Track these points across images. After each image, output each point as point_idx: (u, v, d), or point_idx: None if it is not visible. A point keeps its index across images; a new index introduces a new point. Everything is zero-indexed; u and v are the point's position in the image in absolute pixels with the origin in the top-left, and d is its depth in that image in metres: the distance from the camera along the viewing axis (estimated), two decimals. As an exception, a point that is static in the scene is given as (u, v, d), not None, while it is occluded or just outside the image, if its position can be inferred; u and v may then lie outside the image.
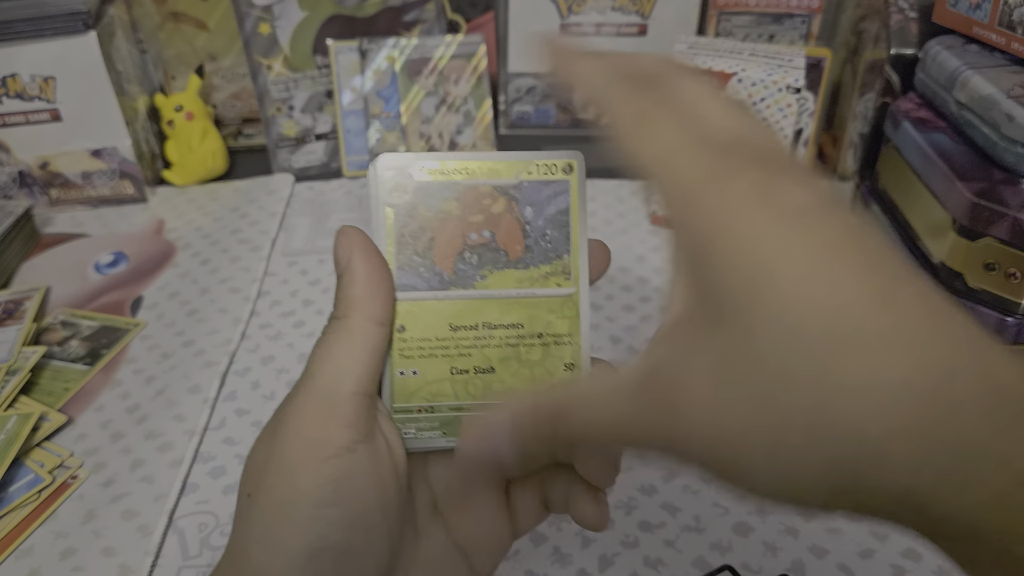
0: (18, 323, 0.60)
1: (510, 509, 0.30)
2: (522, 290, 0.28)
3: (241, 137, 0.87)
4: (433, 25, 0.84)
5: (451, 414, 0.28)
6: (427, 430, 0.28)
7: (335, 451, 0.25)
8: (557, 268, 0.28)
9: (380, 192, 0.27)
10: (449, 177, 0.28)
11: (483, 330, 0.28)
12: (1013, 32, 0.52)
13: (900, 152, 0.58)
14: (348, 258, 0.27)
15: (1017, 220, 0.47)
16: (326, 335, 0.27)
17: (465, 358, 0.28)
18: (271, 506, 0.25)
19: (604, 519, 0.29)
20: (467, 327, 0.28)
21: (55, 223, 0.76)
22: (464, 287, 0.28)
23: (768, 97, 0.63)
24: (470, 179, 0.28)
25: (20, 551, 0.45)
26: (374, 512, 0.26)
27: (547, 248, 0.28)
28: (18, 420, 0.51)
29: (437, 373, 0.28)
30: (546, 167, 0.28)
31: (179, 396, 0.55)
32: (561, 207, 0.28)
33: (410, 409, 0.28)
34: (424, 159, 0.27)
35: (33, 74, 0.71)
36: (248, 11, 0.76)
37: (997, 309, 0.50)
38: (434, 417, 0.28)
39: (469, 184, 0.28)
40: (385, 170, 0.27)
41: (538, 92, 0.86)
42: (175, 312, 0.63)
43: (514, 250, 0.28)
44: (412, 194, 0.27)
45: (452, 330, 0.28)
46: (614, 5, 0.80)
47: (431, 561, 0.29)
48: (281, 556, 0.24)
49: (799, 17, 0.79)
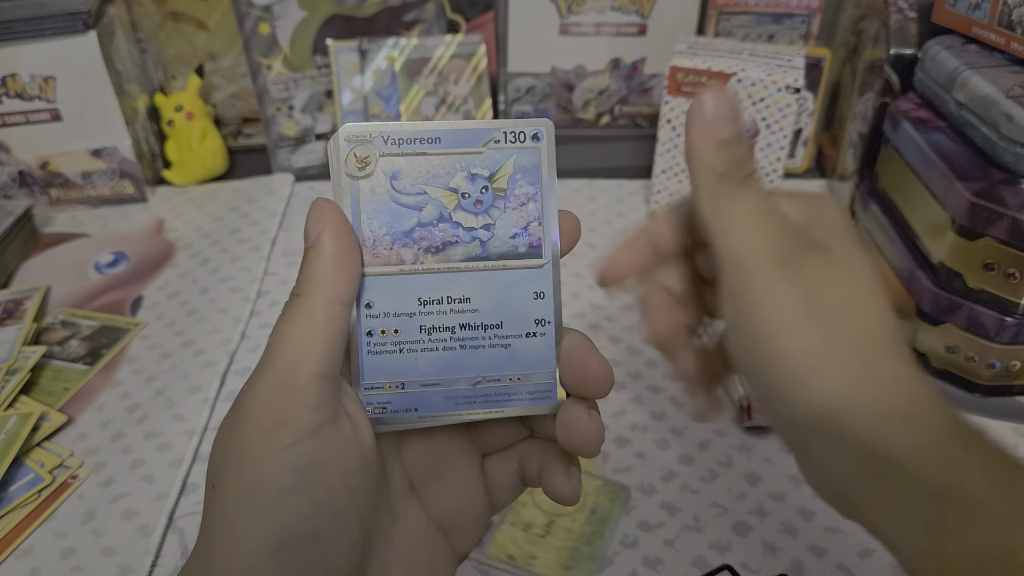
0: (18, 323, 0.60)
1: (486, 484, 0.30)
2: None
3: (241, 137, 0.87)
4: (433, 25, 0.84)
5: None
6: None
7: (296, 437, 0.24)
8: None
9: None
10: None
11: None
12: (1012, 32, 0.52)
13: (899, 152, 0.58)
14: (318, 233, 0.26)
15: (1016, 220, 0.47)
16: (286, 313, 0.25)
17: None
18: (233, 497, 0.24)
19: (576, 493, 0.29)
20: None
21: (55, 223, 0.76)
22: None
23: (768, 97, 0.63)
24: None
25: (20, 551, 0.45)
26: (340, 497, 0.25)
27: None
28: (18, 420, 0.51)
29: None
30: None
31: (179, 396, 0.55)
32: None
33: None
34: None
35: (33, 74, 0.71)
36: (248, 11, 0.76)
37: (996, 309, 0.50)
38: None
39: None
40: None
41: (537, 92, 0.86)
42: (175, 312, 0.63)
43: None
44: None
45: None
46: (614, 5, 0.80)
47: (410, 541, 0.29)
48: (244, 548, 0.23)
49: (799, 17, 0.79)
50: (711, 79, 0.64)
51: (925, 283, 0.53)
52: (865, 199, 0.63)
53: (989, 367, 0.52)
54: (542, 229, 0.27)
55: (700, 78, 0.64)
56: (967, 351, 0.52)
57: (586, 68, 0.84)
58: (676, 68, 0.64)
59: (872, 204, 0.62)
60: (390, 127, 0.26)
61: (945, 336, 0.53)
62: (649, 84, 0.85)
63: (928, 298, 0.53)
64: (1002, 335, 0.50)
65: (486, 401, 0.28)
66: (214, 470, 0.25)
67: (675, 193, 0.70)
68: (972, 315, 0.51)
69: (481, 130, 0.27)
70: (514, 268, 0.27)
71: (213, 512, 0.24)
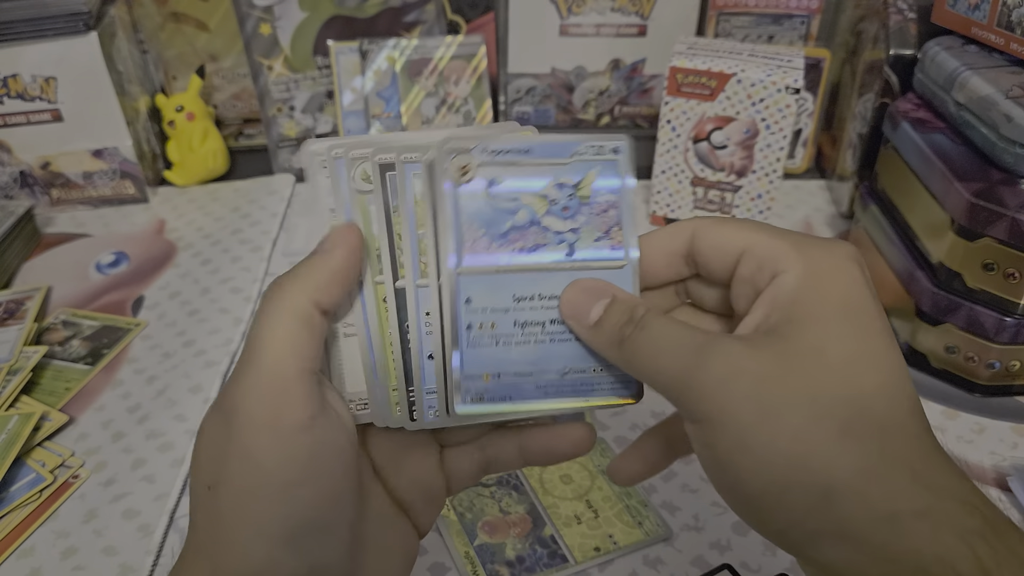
0: (19, 323, 0.60)
1: (444, 471, 0.32)
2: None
3: (242, 137, 0.87)
4: (433, 26, 0.84)
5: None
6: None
7: (294, 430, 0.25)
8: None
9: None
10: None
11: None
12: (1012, 32, 0.52)
13: (899, 152, 0.58)
14: (335, 247, 0.27)
15: (1016, 220, 0.47)
16: (268, 309, 0.26)
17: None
18: (239, 495, 0.25)
19: (590, 433, 0.31)
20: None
21: (56, 223, 0.76)
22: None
23: (767, 97, 0.63)
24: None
25: (21, 550, 0.45)
26: (339, 483, 0.26)
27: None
28: (19, 420, 0.51)
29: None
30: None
31: (180, 396, 0.55)
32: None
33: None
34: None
35: (34, 74, 0.71)
36: (249, 12, 0.76)
37: (996, 309, 0.50)
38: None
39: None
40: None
41: (538, 92, 0.86)
42: (176, 312, 0.64)
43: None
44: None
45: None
46: (614, 6, 0.81)
47: (377, 518, 0.30)
48: (262, 541, 0.24)
49: (798, 18, 0.79)
50: (710, 79, 0.64)
51: (925, 283, 0.53)
52: (865, 199, 0.63)
53: (989, 367, 0.52)
54: (622, 234, 0.29)
55: (700, 79, 0.64)
56: (967, 351, 0.52)
57: (586, 69, 0.84)
58: (676, 69, 0.65)
59: (872, 204, 0.62)
60: (486, 139, 0.28)
61: (945, 336, 0.53)
62: (649, 85, 0.85)
63: (928, 298, 0.53)
64: (1002, 335, 0.50)
65: (573, 391, 0.29)
66: (209, 469, 0.25)
67: (675, 193, 0.70)
68: (972, 315, 0.51)
69: (568, 143, 0.29)
70: (597, 268, 0.29)
71: (218, 511, 0.25)
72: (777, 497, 0.23)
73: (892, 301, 0.58)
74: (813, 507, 0.23)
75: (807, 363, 0.24)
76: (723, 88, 0.64)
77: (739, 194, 0.68)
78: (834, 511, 0.22)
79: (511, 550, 0.44)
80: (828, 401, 0.23)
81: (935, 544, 0.22)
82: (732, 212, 0.69)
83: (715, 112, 0.65)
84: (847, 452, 0.23)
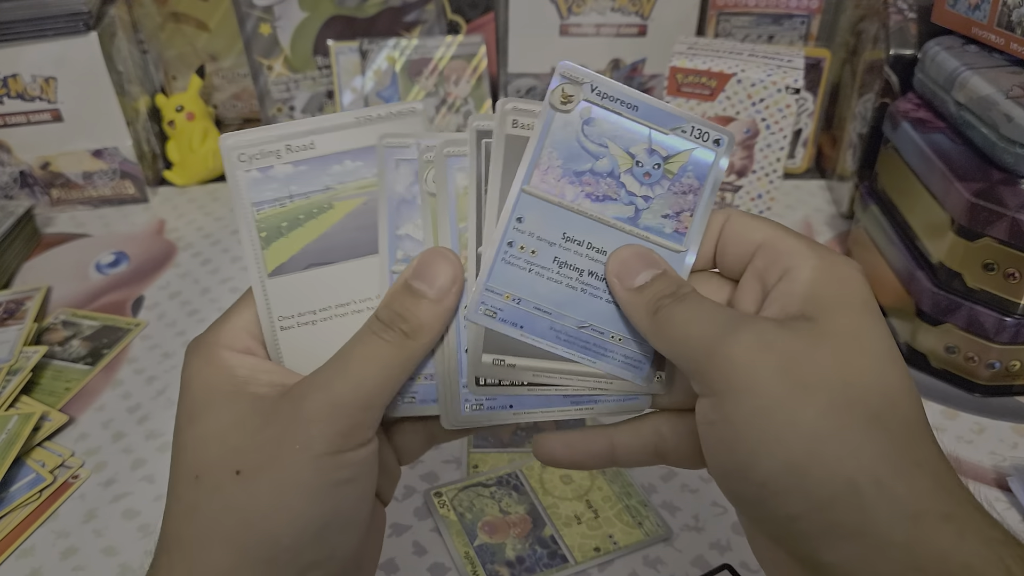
0: (19, 323, 0.60)
1: (392, 446, 0.32)
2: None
3: (242, 137, 0.87)
4: (433, 26, 0.84)
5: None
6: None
7: (354, 462, 0.26)
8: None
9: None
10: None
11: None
12: (1012, 32, 0.52)
13: (899, 152, 0.58)
14: (446, 290, 0.27)
15: (1016, 220, 0.47)
16: (383, 337, 0.27)
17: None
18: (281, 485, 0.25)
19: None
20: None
21: (56, 223, 0.76)
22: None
23: (767, 97, 0.63)
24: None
25: (21, 550, 0.45)
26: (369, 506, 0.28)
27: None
28: (19, 420, 0.51)
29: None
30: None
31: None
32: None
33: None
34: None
35: (34, 74, 0.71)
36: (249, 12, 0.76)
37: (996, 309, 0.50)
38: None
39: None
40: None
41: (538, 92, 0.86)
42: (176, 312, 0.64)
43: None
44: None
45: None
46: (614, 6, 0.81)
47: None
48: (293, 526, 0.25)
49: (798, 18, 0.79)
50: (711, 79, 0.64)
51: (925, 283, 0.53)
52: (865, 199, 0.63)
53: (989, 367, 0.52)
54: (692, 220, 0.29)
55: (700, 79, 0.64)
56: (967, 351, 0.52)
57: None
58: (676, 69, 0.64)
59: (872, 204, 0.62)
60: (601, 80, 0.28)
61: (945, 336, 0.53)
62: (649, 85, 0.85)
63: (928, 298, 0.53)
64: (1002, 335, 0.50)
65: (584, 348, 0.29)
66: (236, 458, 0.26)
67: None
68: (972, 315, 0.51)
69: (675, 115, 0.28)
70: (655, 243, 0.29)
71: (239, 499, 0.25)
72: (794, 481, 0.22)
73: (892, 301, 0.58)
74: (834, 496, 0.22)
75: (843, 346, 0.23)
76: (723, 88, 0.64)
77: (739, 194, 0.68)
78: (856, 503, 0.21)
79: (511, 550, 0.44)
80: (862, 387, 0.23)
81: (962, 550, 0.20)
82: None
83: (715, 112, 0.65)
84: (875, 443, 0.22)
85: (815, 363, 0.23)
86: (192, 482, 0.26)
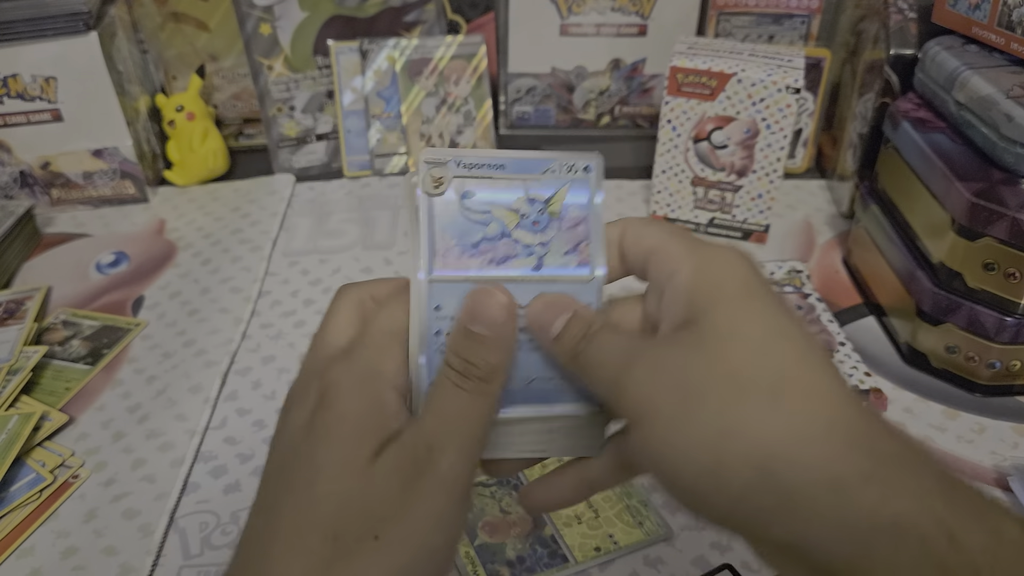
0: (19, 323, 0.60)
1: None
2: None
3: (242, 137, 0.87)
4: (433, 25, 0.84)
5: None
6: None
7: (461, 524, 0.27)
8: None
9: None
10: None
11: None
12: (1012, 32, 0.52)
13: (899, 152, 0.58)
14: (505, 337, 0.28)
15: (1016, 220, 0.47)
16: (464, 388, 0.27)
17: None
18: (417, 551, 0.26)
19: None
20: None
21: (56, 223, 0.76)
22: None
23: (768, 97, 0.63)
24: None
25: (21, 550, 0.45)
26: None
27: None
28: (19, 420, 0.51)
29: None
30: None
31: (180, 396, 0.55)
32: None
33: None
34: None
35: (34, 74, 0.71)
36: (249, 11, 0.76)
37: (996, 309, 0.50)
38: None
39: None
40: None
41: (538, 92, 0.86)
42: (176, 312, 0.64)
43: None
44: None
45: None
46: (614, 5, 0.81)
47: None
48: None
49: (799, 17, 0.79)
50: (711, 79, 0.64)
51: (925, 283, 0.53)
52: (865, 199, 0.63)
53: (989, 367, 0.52)
54: (590, 249, 0.30)
55: (700, 78, 0.64)
56: (967, 351, 0.52)
57: (586, 69, 0.84)
58: (676, 68, 0.64)
59: (872, 204, 0.62)
60: (463, 153, 0.29)
61: (945, 336, 0.53)
62: (649, 85, 0.85)
63: (928, 298, 0.53)
64: (1002, 335, 0.50)
65: (537, 399, 0.30)
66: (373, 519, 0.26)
67: (675, 193, 0.70)
68: (972, 315, 0.51)
69: (540, 160, 0.30)
70: (566, 281, 0.30)
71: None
72: (713, 479, 0.23)
73: (893, 301, 0.58)
74: (750, 481, 0.22)
75: (721, 344, 0.24)
76: (723, 88, 0.64)
77: (739, 194, 0.68)
78: (772, 482, 0.22)
79: (511, 550, 0.44)
80: (749, 375, 0.23)
81: (889, 506, 0.21)
82: (732, 212, 0.69)
83: (715, 112, 0.65)
84: (777, 420, 0.23)
85: (698, 369, 0.24)
86: (330, 541, 0.25)
